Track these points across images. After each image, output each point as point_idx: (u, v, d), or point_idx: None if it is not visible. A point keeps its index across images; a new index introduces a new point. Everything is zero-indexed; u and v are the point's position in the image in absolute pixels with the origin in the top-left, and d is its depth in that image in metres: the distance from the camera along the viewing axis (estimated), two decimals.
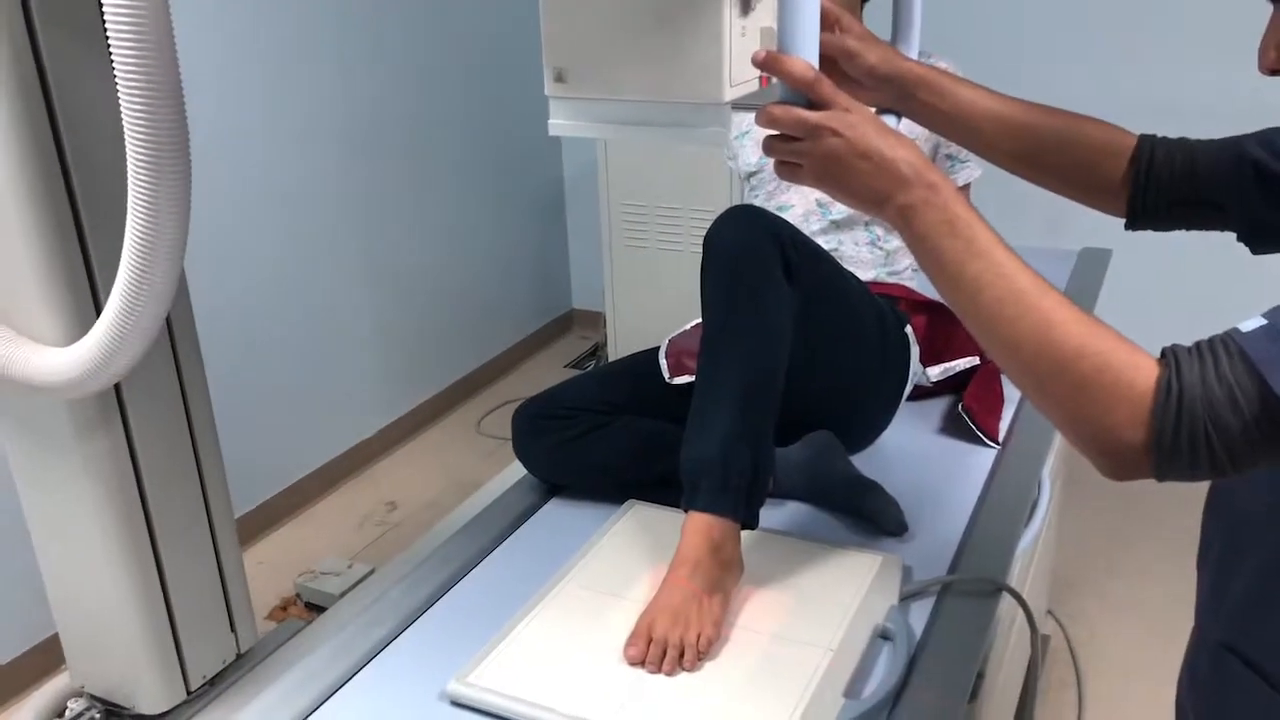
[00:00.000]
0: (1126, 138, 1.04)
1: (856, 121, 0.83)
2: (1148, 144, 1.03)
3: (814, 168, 0.86)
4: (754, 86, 0.92)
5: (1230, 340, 0.70)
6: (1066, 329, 0.74)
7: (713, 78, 0.87)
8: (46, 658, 2.34)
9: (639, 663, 1.10)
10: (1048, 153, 1.04)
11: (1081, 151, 1.03)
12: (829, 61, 0.99)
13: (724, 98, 0.88)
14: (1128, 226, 1.07)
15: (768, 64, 0.86)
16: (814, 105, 0.86)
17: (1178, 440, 0.70)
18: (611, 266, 3.36)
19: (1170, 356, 0.72)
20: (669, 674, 1.09)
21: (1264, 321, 0.70)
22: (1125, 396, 0.71)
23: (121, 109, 0.86)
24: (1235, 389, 0.68)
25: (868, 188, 0.84)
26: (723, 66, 0.87)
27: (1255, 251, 1.02)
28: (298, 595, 2.56)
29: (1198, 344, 0.72)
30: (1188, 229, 1.05)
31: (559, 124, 0.96)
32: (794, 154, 0.87)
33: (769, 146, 0.89)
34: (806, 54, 0.85)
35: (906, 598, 1.22)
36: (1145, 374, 0.71)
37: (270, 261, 2.89)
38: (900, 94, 1.03)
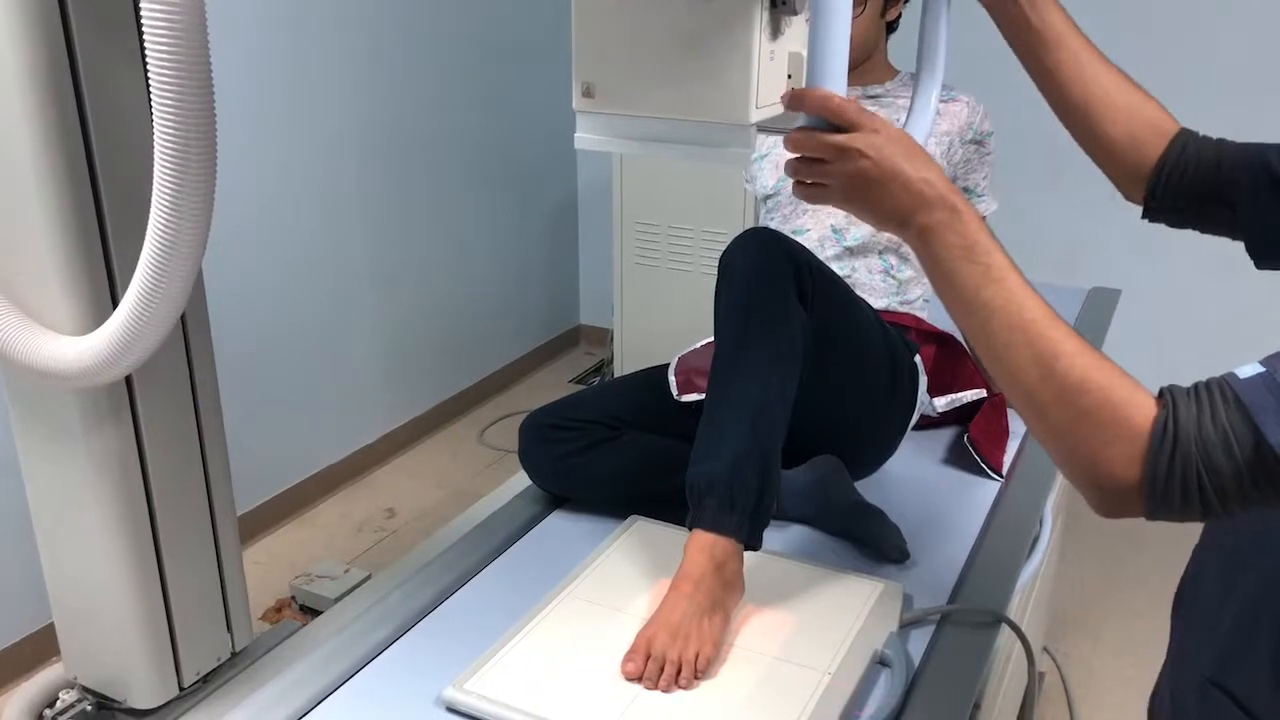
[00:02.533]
0: (1172, 123, 1.05)
1: (883, 143, 0.84)
2: (1185, 135, 1.04)
3: (841, 188, 0.87)
4: (779, 108, 0.92)
5: (1227, 385, 0.71)
6: (1071, 361, 0.75)
7: (740, 100, 0.88)
8: (40, 648, 2.34)
9: (636, 678, 1.10)
10: (1104, 110, 1.04)
11: (1136, 124, 1.04)
12: None
13: (750, 120, 0.89)
14: (1144, 215, 1.07)
15: (795, 104, 0.87)
16: (840, 128, 0.86)
17: (1170, 481, 0.71)
18: (621, 284, 3.36)
19: (1168, 397, 0.72)
20: (666, 691, 1.09)
21: (1262, 369, 0.71)
22: (1122, 434, 0.72)
23: (152, 99, 0.87)
24: (1230, 434, 0.69)
25: (892, 208, 0.84)
26: (750, 89, 0.88)
27: (1259, 265, 1.03)
28: (293, 598, 2.55)
29: (1195, 386, 0.73)
30: (1199, 229, 1.06)
31: (585, 138, 0.97)
32: (821, 175, 0.87)
33: (794, 169, 0.89)
34: (834, 84, 0.86)
35: (906, 625, 1.21)
36: (1143, 412, 0.72)
37: (282, 264, 2.90)
38: None
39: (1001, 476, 1.58)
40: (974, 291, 0.80)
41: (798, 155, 0.89)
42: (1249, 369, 0.71)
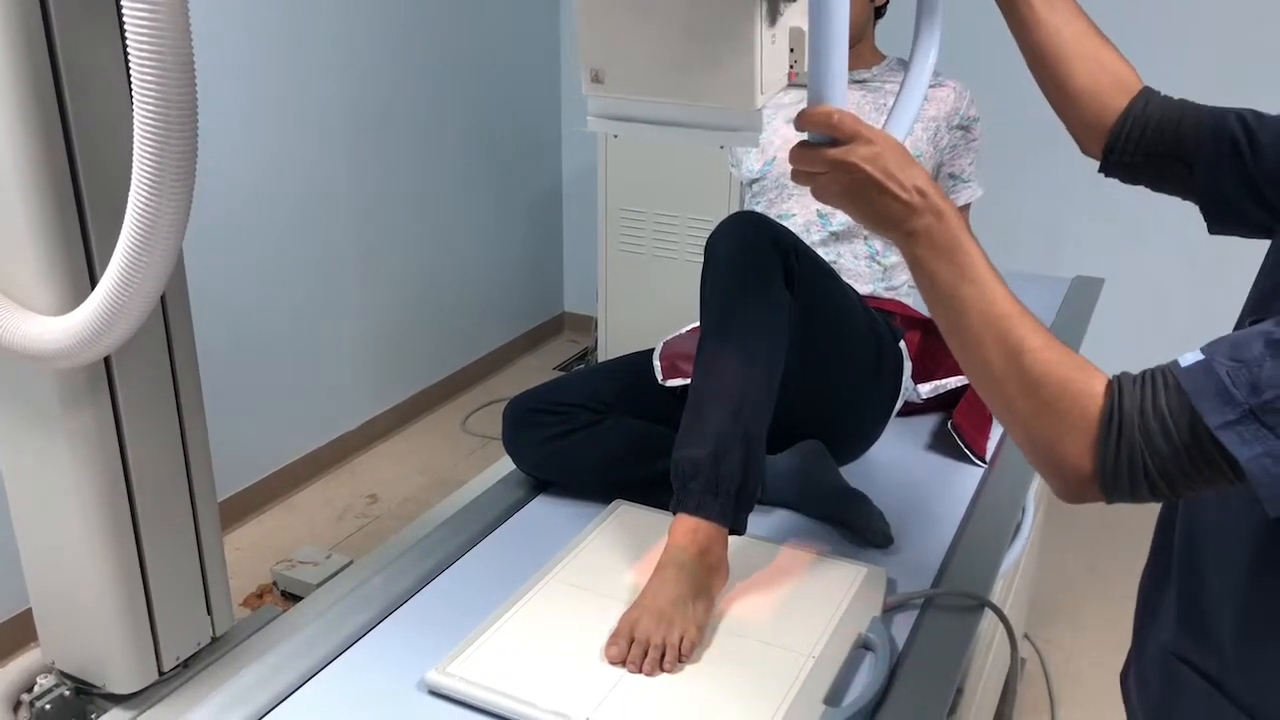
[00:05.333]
0: (1136, 80, 1.07)
1: (874, 155, 0.88)
2: (1147, 92, 1.07)
3: (839, 194, 0.91)
4: (785, 83, 0.94)
5: (1169, 373, 0.75)
6: (1034, 355, 0.80)
7: (746, 87, 0.91)
8: (17, 632, 2.32)
9: (620, 662, 1.10)
10: (1071, 60, 1.07)
11: (1102, 76, 1.07)
12: None
13: (757, 104, 0.92)
14: (1101, 169, 1.10)
15: (800, 123, 0.91)
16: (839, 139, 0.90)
17: (1119, 466, 0.75)
18: (606, 271, 3.35)
19: (1115, 386, 0.77)
20: (649, 674, 1.09)
21: (1201, 356, 0.74)
22: (1076, 424, 0.77)
23: (131, 76, 0.85)
24: (1168, 419, 0.74)
25: (884, 213, 0.89)
26: (754, 76, 0.90)
27: (1212, 230, 1.06)
28: (274, 583, 2.54)
29: (1142, 374, 0.77)
30: (1153, 186, 1.08)
31: (595, 121, 0.99)
32: (822, 183, 0.92)
33: (798, 176, 0.93)
34: (835, 98, 0.89)
35: (890, 609, 1.22)
36: (1095, 402, 0.76)
37: (265, 250, 2.88)
38: None
39: (985, 463, 1.59)
40: (951, 289, 0.85)
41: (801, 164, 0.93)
42: (1190, 356, 0.75)
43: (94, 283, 1.05)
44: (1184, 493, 0.77)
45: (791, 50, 0.96)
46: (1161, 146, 1.04)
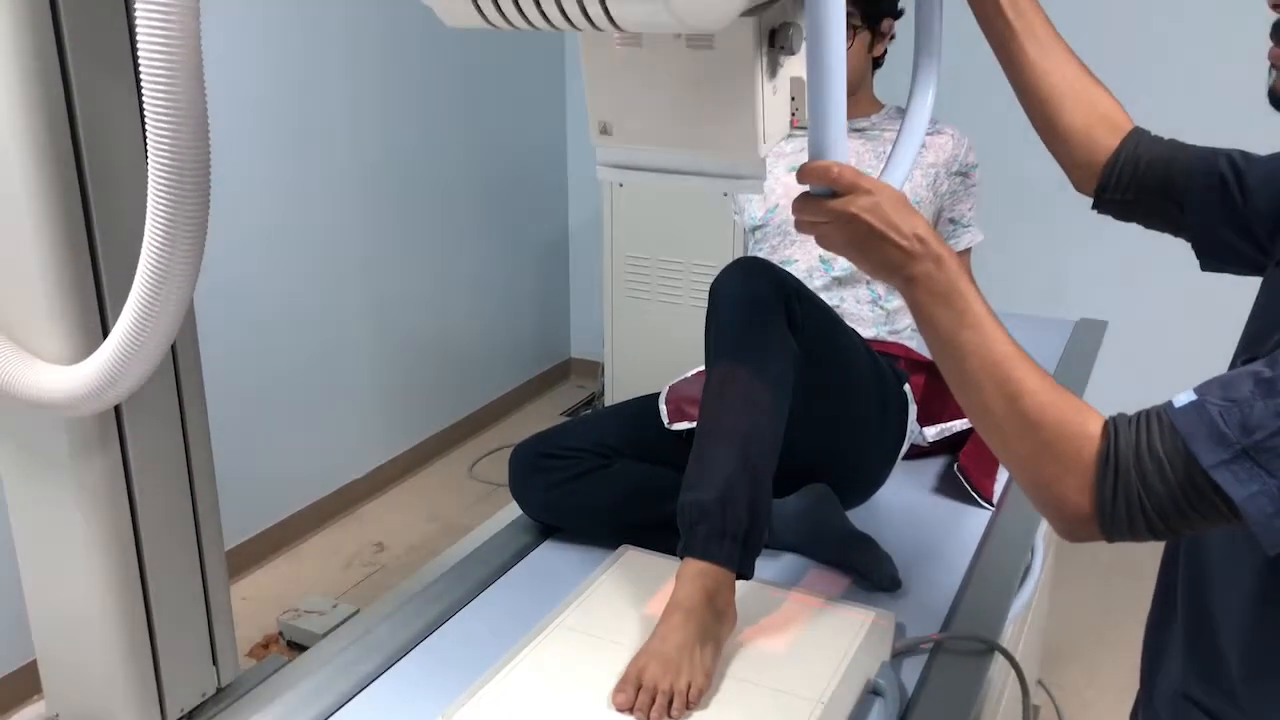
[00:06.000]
0: (1126, 120, 1.10)
1: (873, 205, 0.90)
2: (1138, 133, 1.09)
3: (841, 242, 0.94)
4: (786, 131, 0.96)
5: (1163, 414, 0.77)
6: (1031, 398, 0.81)
7: (749, 138, 0.94)
8: (21, 685, 2.31)
9: (628, 709, 1.09)
10: (1063, 100, 1.09)
11: (1092, 117, 1.09)
12: None
13: (760, 154, 0.94)
14: (1094, 206, 1.12)
15: (801, 176, 0.93)
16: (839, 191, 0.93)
17: (1116, 506, 0.76)
18: (611, 317, 3.37)
19: (1111, 428, 0.78)
20: None
21: (1194, 397, 0.76)
22: (1073, 465, 0.78)
23: (147, 134, 0.87)
24: (1163, 460, 0.75)
25: (884, 260, 0.91)
26: (757, 127, 0.93)
27: (1204, 267, 1.08)
28: (280, 633, 2.53)
29: (1137, 415, 0.78)
30: (1145, 223, 1.11)
31: (605, 170, 1.01)
32: (824, 233, 0.94)
33: (801, 225, 0.96)
34: (835, 152, 0.91)
35: (899, 654, 1.21)
36: (1091, 445, 0.78)
37: (274, 299, 2.90)
38: None
39: (992, 505, 1.58)
40: (951, 333, 0.87)
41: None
42: (1184, 397, 0.76)
43: (106, 332, 1.07)
44: (1183, 531, 0.78)
45: (793, 98, 0.98)
46: (1153, 186, 1.07)
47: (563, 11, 0.75)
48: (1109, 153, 1.08)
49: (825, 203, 0.91)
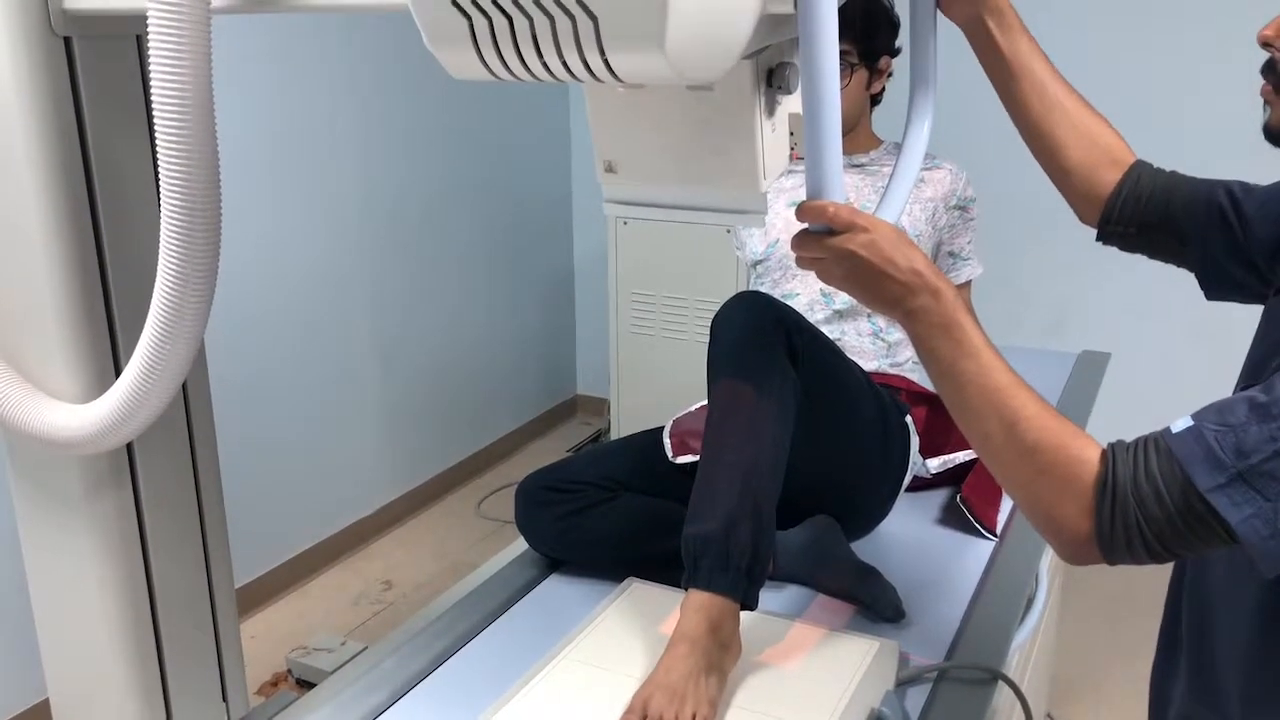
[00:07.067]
0: (1129, 154, 1.13)
1: (869, 242, 0.92)
2: (1140, 166, 1.12)
3: (840, 278, 0.96)
4: (785, 165, 0.98)
5: (1161, 439, 0.79)
6: (1029, 424, 0.83)
7: (749, 174, 0.96)
8: None
9: None
10: (1065, 137, 1.12)
11: (1094, 152, 1.12)
12: None
13: (761, 189, 0.97)
14: (1098, 238, 1.15)
15: (800, 215, 0.95)
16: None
17: (1115, 530, 0.78)
18: (617, 353, 3.39)
19: (1109, 454, 0.80)
20: None
21: (1191, 423, 0.78)
22: (1072, 490, 0.80)
23: (159, 177, 0.90)
24: (1160, 484, 0.77)
25: (883, 295, 0.93)
26: (757, 164, 0.95)
27: (1209, 296, 1.10)
28: (289, 671, 2.53)
29: (1135, 441, 0.80)
30: (1149, 254, 1.13)
31: (612, 206, 1.04)
32: (823, 268, 0.97)
33: (801, 261, 0.98)
34: (831, 192, 0.93)
35: (903, 683, 1.21)
36: (1089, 469, 0.80)
37: (281, 338, 2.93)
38: (973, 13, 1.11)
39: (995, 536, 1.59)
40: (950, 364, 0.89)
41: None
42: (1181, 423, 0.79)
43: (118, 371, 1.09)
44: (1182, 554, 0.79)
45: (792, 133, 1.01)
46: (1155, 219, 1.09)
47: (565, 66, 0.78)
48: (1112, 187, 1.11)
49: (824, 240, 0.94)
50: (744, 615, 1.22)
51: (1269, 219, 1.01)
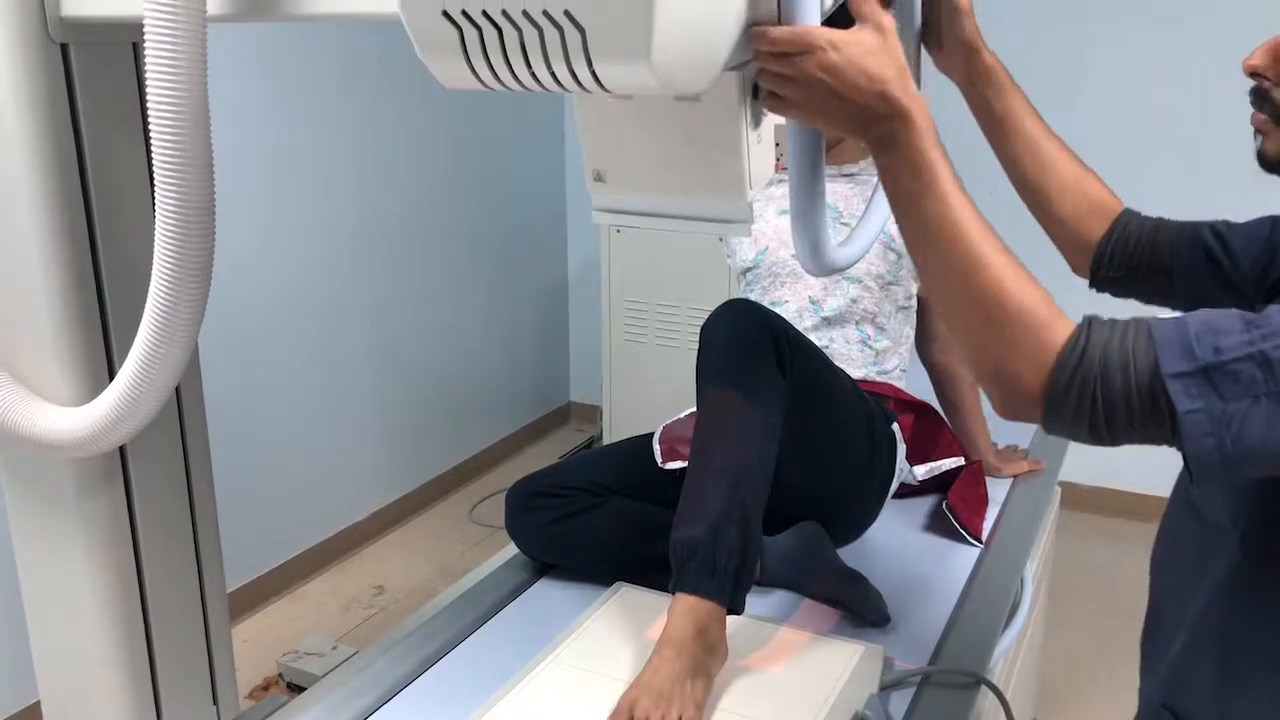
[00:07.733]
0: (1116, 204, 1.15)
1: (830, 64, 0.82)
2: (1127, 214, 1.14)
3: (802, 92, 0.85)
4: (771, 174, 1.00)
5: (1144, 321, 0.79)
6: (990, 272, 0.81)
7: (736, 184, 0.98)
8: None
9: None
10: (1055, 191, 1.14)
11: (1083, 204, 1.14)
12: (929, 21, 1.10)
13: (746, 199, 0.98)
14: (1091, 284, 1.17)
15: (756, 41, 0.84)
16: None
17: (1068, 393, 0.78)
18: (610, 361, 3.41)
19: (1087, 321, 0.80)
20: None
21: (1179, 314, 0.78)
22: (1032, 343, 0.79)
23: (155, 182, 0.91)
24: (1130, 356, 0.77)
25: (842, 121, 0.86)
26: (743, 173, 0.97)
27: None
28: (280, 675, 2.53)
29: (1121, 320, 0.80)
30: (1141, 298, 1.15)
31: (600, 215, 1.05)
32: (784, 85, 0.86)
33: (763, 75, 0.87)
34: (805, 14, 0.84)
35: (886, 686, 1.23)
36: (1058, 333, 0.79)
37: (274, 344, 2.94)
38: (968, 71, 1.12)
39: (981, 543, 1.60)
40: (915, 202, 0.85)
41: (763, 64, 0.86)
42: (1170, 314, 0.78)
43: (112, 375, 1.10)
44: (1120, 439, 0.78)
45: (777, 144, 1.03)
46: (1141, 260, 1.12)
47: (554, 76, 0.80)
48: (1101, 235, 1.13)
49: (798, 29, 0.82)
50: (730, 619, 1.23)
51: (1253, 252, 1.05)
